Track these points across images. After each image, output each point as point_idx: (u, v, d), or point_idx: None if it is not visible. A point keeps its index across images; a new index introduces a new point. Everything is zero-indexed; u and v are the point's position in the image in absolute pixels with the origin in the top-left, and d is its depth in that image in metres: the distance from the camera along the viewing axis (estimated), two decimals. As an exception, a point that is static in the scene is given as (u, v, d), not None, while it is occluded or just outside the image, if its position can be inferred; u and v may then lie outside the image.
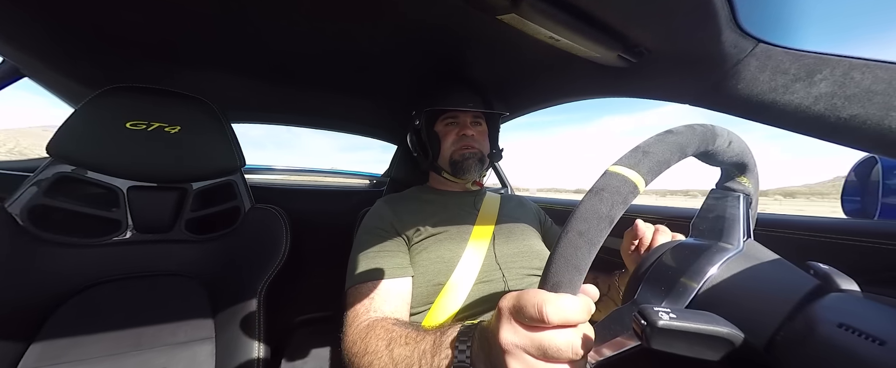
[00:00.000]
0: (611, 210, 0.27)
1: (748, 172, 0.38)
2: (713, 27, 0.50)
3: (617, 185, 0.28)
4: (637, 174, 0.28)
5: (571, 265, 0.27)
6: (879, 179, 0.88)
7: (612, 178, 0.28)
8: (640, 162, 0.29)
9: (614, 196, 0.27)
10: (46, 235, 0.65)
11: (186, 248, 0.77)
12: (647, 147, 0.30)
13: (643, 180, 0.28)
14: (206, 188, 0.79)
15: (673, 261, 0.33)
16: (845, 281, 0.29)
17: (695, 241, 0.36)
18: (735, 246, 0.33)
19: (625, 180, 0.28)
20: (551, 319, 0.27)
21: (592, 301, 0.29)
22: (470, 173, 0.84)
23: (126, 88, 0.70)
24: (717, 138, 0.32)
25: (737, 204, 0.36)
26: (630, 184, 0.28)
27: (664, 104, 3.77)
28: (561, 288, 0.27)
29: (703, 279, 0.30)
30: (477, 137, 0.85)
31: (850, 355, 0.22)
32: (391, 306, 0.60)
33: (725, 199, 0.37)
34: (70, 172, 0.67)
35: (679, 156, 0.30)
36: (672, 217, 0.90)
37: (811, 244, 0.61)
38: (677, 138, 0.30)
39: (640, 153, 0.29)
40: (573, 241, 0.27)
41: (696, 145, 0.31)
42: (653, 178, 0.29)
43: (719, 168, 0.39)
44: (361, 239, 0.73)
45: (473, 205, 0.85)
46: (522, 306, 0.28)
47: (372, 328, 0.52)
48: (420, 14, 0.71)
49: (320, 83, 1.05)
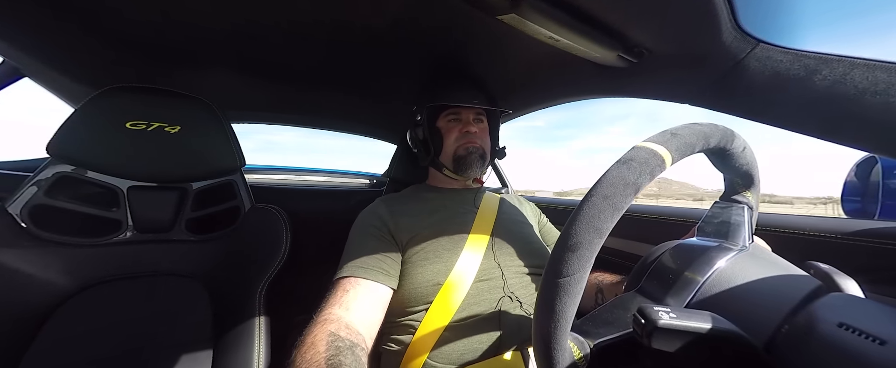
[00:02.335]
0: (638, 179, 0.27)
1: (752, 186, 0.39)
2: (713, 27, 0.50)
3: (646, 157, 0.28)
4: (665, 150, 0.29)
5: (593, 227, 0.27)
6: (879, 179, 0.88)
7: (640, 151, 0.29)
8: (669, 140, 0.30)
9: (642, 166, 0.28)
10: (46, 235, 0.65)
11: (186, 248, 0.77)
12: (675, 130, 0.31)
13: (671, 156, 0.29)
14: (206, 188, 0.79)
15: (678, 257, 0.34)
16: (845, 281, 0.29)
17: (700, 241, 0.37)
18: (739, 246, 0.33)
19: (653, 154, 0.28)
20: None
21: None
22: (472, 169, 0.84)
23: (126, 87, 0.70)
24: (735, 139, 0.34)
25: (741, 212, 0.38)
26: (658, 158, 0.28)
27: (621, 122, 3.66)
28: (580, 249, 0.27)
29: (708, 275, 0.30)
30: (479, 134, 0.85)
31: (851, 354, 0.22)
32: (359, 306, 0.60)
33: (730, 208, 0.39)
34: (70, 172, 0.67)
35: (703, 144, 0.31)
36: (672, 217, 0.90)
37: (811, 245, 0.61)
38: (703, 128, 0.32)
39: (668, 134, 0.30)
40: (597, 204, 0.27)
41: (718, 138, 0.33)
42: (679, 157, 0.30)
43: (725, 178, 0.41)
44: (353, 236, 0.74)
45: (473, 203, 0.85)
46: None
47: (323, 326, 0.53)
48: (420, 14, 0.71)
49: (320, 83, 1.05)
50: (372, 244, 0.71)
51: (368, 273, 0.65)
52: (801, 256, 0.35)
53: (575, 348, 0.28)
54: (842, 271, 0.30)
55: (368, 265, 0.66)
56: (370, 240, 0.72)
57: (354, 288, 0.62)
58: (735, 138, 0.34)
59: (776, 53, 0.51)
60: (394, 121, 1.34)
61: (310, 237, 1.13)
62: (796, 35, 0.51)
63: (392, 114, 1.25)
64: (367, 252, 0.69)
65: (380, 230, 0.74)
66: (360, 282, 0.63)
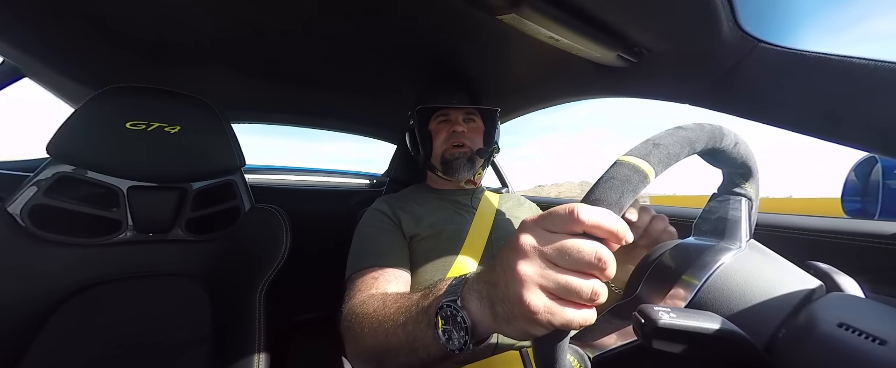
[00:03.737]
0: (621, 198, 0.27)
1: (751, 177, 0.38)
2: (713, 27, 0.50)
3: (627, 174, 0.28)
4: (647, 165, 0.28)
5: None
6: (879, 179, 0.88)
7: (621, 167, 0.28)
8: (651, 153, 0.29)
9: (624, 185, 0.27)
10: (47, 235, 0.65)
11: (186, 248, 0.77)
12: (657, 140, 0.30)
13: (653, 170, 0.28)
14: (206, 188, 0.79)
15: (674, 260, 0.33)
16: (845, 281, 0.29)
17: (697, 241, 0.36)
18: (737, 246, 0.33)
19: (635, 170, 0.28)
20: (582, 218, 0.24)
21: (628, 231, 0.26)
22: (460, 172, 0.84)
23: (126, 88, 0.70)
24: (724, 137, 0.33)
25: (739, 206, 0.36)
26: (641, 173, 0.28)
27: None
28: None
29: (705, 278, 0.30)
30: (468, 133, 0.85)
31: (851, 354, 0.22)
32: (394, 287, 0.60)
33: (727, 202, 0.37)
34: (70, 172, 0.67)
35: (689, 150, 0.30)
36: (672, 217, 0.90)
37: (811, 244, 0.61)
38: (687, 134, 0.31)
39: (650, 145, 0.29)
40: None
41: (705, 141, 0.31)
42: (663, 169, 0.29)
43: (722, 172, 0.40)
44: (362, 232, 0.73)
45: (470, 203, 0.85)
46: (552, 211, 0.26)
47: (371, 297, 0.53)
48: (420, 14, 0.71)
49: (320, 83, 1.05)
50: (384, 236, 0.71)
51: (388, 262, 0.64)
52: (801, 256, 0.35)
53: (575, 363, 0.28)
54: (842, 271, 0.30)
55: (387, 253, 0.66)
56: (382, 233, 0.72)
57: (382, 276, 0.61)
58: (724, 136, 0.33)
59: (776, 53, 0.51)
60: (394, 121, 1.34)
61: (310, 237, 1.13)
62: (796, 35, 0.51)
63: (392, 114, 1.25)
64: (381, 243, 0.69)
65: (386, 225, 0.74)
66: (383, 270, 0.63)
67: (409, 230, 0.73)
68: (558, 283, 0.25)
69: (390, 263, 0.64)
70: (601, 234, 0.25)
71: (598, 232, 0.25)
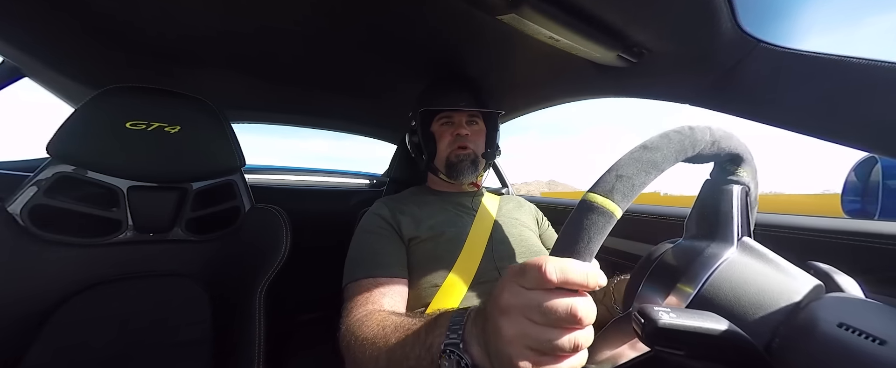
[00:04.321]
0: (589, 244, 0.26)
1: (744, 163, 0.35)
2: (713, 27, 0.51)
3: (593, 218, 0.27)
4: (612, 202, 0.27)
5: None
6: (879, 179, 0.88)
7: (586, 211, 0.27)
8: (613, 189, 0.27)
9: (591, 229, 0.27)
10: (47, 235, 0.65)
11: (186, 248, 0.77)
12: (620, 169, 0.28)
13: (618, 207, 0.27)
14: (206, 188, 0.79)
15: (667, 268, 0.33)
16: (845, 281, 0.29)
17: (689, 243, 0.34)
18: (729, 247, 0.32)
19: (601, 212, 0.27)
20: (550, 276, 0.25)
21: (600, 275, 0.27)
22: (464, 175, 0.83)
23: (126, 88, 0.70)
24: (697, 143, 0.30)
25: (731, 199, 0.34)
26: (606, 215, 0.27)
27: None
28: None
29: (699, 285, 0.29)
30: (472, 136, 0.85)
31: (851, 354, 0.22)
32: (390, 301, 0.61)
33: (720, 194, 0.34)
34: (70, 172, 0.67)
35: (656, 174, 0.28)
36: (672, 217, 0.90)
37: (811, 244, 0.61)
38: (652, 154, 0.29)
39: (613, 177, 0.28)
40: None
41: (675, 157, 0.29)
42: (628, 203, 0.28)
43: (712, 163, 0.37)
44: (360, 237, 0.73)
45: (471, 206, 0.85)
46: (525, 267, 0.27)
47: (369, 316, 0.53)
48: (421, 14, 0.71)
49: (320, 83, 1.05)
50: (382, 242, 0.71)
51: (385, 271, 0.65)
52: (801, 256, 0.35)
53: None
54: (842, 271, 0.30)
55: (382, 262, 0.67)
56: (380, 239, 0.72)
57: (378, 288, 0.62)
58: (696, 143, 0.30)
59: (776, 53, 0.51)
60: (394, 121, 1.34)
61: (310, 237, 1.13)
62: (796, 35, 0.51)
63: (392, 114, 1.25)
64: (379, 250, 0.69)
65: (385, 230, 0.74)
66: (379, 280, 0.63)
67: (409, 233, 0.73)
68: (540, 340, 0.26)
69: (387, 273, 0.65)
70: (573, 286, 0.26)
71: (568, 286, 0.26)
